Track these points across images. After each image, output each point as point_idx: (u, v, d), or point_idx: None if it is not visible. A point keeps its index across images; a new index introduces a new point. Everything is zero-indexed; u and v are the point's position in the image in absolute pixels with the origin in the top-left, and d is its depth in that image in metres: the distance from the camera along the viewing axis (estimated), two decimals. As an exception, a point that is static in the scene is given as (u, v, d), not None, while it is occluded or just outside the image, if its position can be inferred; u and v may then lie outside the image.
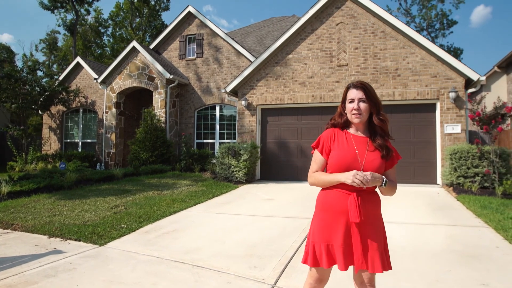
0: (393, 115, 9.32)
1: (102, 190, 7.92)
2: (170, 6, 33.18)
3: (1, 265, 3.54)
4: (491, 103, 11.52)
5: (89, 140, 15.25)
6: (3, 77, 12.87)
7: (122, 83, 13.44)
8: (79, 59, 15.58)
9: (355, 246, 1.95)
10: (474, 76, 8.59)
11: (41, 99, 14.14)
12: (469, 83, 8.96)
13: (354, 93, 2.05)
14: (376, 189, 2.07)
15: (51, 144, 15.57)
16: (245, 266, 3.55)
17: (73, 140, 15.58)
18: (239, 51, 12.87)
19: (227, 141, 12.71)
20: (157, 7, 32.77)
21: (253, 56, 12.41)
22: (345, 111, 2.11)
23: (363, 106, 2.02)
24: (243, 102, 10.57)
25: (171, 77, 12.49)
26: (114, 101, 13.58)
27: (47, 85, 14.65)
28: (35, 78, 14.56)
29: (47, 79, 18.79)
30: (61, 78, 15.62)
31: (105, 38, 34.47)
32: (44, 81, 17.02)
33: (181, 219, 5.56)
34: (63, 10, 28.58)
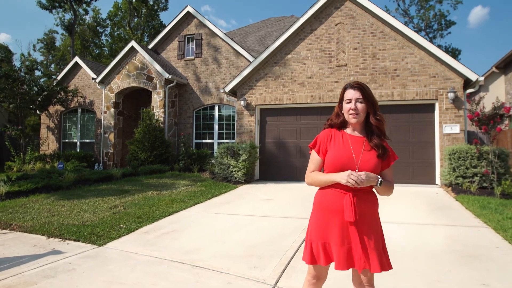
0: (392, 116, 9.34)
1: (100, 190, 7.90)
2: (168, 6, 33.19)
3: (0, 265, 3.52)
4: (489, 104, 11.56)
5: (87, 140, 15.20)
6: (1, 77, 12.81)
7: (120, 83, 13.41)
8: (77, 59, 15.52)
9: (354, 246, 1.94)
10: (473, 76, 8.61)
11: (39, 99, 14.09)
12: (468, 84, 8.98)
13: (351, 93, 2.07)
14: (373, 189, 2.08)
15: (49, 144, 15.51)
16: (245, 266, 3.54)
17: (71, 140, 15.53)
18: (238, 51, 12.86)
19: (225, 141, 12.69)
20: (155, 7, 32.69)
21: (252, 56, 12.40)
22: (342, 111, 2.13)
23: (360, 106, 2.04)
24: (242, 102, 10.56)
25: (170, 77, 12.47)
26: (112, 101, 13.55)
27: (45, 85, 14.61)
28: (33, 77, 14.51)
29: (45, 79, 18.73)
30: (59, 78, 15.55)
31: (103, 38, 34.42)
32: (42, 81, 16.99)
33: (180, 219, 5.55)
34: (61, 9, 28.52)
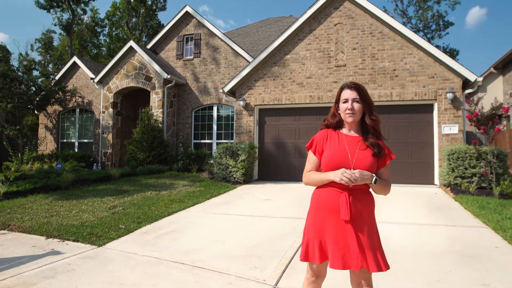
0: (391, 116, 9.36)
1: (99, 190, 7.87)
2: (166, 6, 33.09)
3: (-2, 266, 3.50)
4: (487, 104, 11.60)
5: (85, 140, 15.15)
6: (-1, 77, 12.76)
7: (119, 83, 13.38)
8: (75, 59, 15.48)
9: (351, 245, 1.94)
10: (471, 77, 8.63)
11: (37, 99, 14.02)
12: (466, 84, 9.00)
13: (348, 93, 2.09)
14: (370, 189, 2.08)
15: (47, 144, 15.46)
16: (246, 266, 3.53)
17: (70, 140, 15.48)
18: (237, 51, 12.85)
19: (224, 141, 12.68)
20: (153, 7, 32.64)
21: (250, 56, 12.39)
22: (339, 111, 2.16)
23: (356, 106, 2.06)
24: (241, 102, 10.55)
25: (169, 77, 12.45)
26: (111, 101, 13.51)
27: (43, 84, 14.52)
28: (31, 77, 14.43)
29: (43, 78, 18.64)
30: (57, 77, 15.49)
31: (101, 37, 34.33)
32: (40, 80, 16.89)
33: (179, 220, 5.54)
34: (59, 9, 28.45)
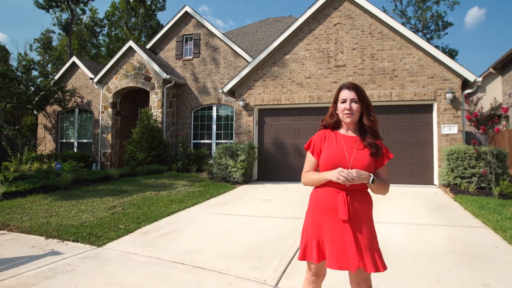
0: (391, 116, 9.36)
1: (98, 190, 7.86)
2: (166, 6, 33.07)
3: (-2, 266, 3.49)
4: (486, 104, 11.62)
5: (85, 140, 15.13)
6: (-2, 76, 12.73)
7: (118, 83, 13.36)
8: (74, 59, 15.45)
9: (348, 245, 1.94)
10: (471, 77, 8.63)
11: (36, 99, 14.00)
12: (466, 84, 9.01)
13: (346, 94, 2.10)
14: (368, 189, 2.09)
15: (46, 144, 15.43)
16: (246, 267, 3.53)
17: (69, 140, 15.45)
18: (236, 52, 12.84)
19: (224, 141, 12.67)
20: (153, 7, 32.63)
21: (250, 56, 12.39)
22: (337, 111, 2.16)
23: (355, 106, 2.07)
24: (241, 102, 10.55)
25: (168, 77, 12.44)
26: (110, 101, 13.49)
27: (42, 84, 14.49)
28: (30, 77, 14.43)
29: (42, 78, 18.61)
30: (56, 77, 15.46)
31: (100, 37, 34.29)
32: (39, 80, 16.88)
33: (179, 220, 5.53)
34: (58, 9, 28.38)
